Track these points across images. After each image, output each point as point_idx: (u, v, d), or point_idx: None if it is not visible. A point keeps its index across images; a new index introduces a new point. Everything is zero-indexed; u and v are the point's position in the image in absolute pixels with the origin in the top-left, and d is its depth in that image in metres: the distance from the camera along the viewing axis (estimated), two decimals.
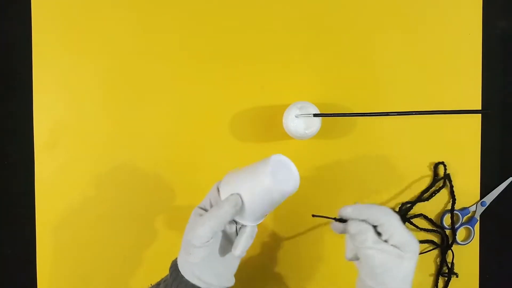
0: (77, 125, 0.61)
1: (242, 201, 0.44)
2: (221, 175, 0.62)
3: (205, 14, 0.61)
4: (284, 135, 0.59)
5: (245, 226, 0.45)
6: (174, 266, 0.46)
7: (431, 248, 0.62)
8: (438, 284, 0.63)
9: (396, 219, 0.43)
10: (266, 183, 0.42)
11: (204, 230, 0.43)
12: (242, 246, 0.45)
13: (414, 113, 0.61)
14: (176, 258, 0.47)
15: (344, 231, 0.45)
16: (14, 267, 0.62)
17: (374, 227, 0.43)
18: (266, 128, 0.61)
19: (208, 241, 0.43)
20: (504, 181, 0.63)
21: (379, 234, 0.43)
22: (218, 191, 0.46)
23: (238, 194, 0.44)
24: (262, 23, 0.61)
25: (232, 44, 0.61)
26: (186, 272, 0.44)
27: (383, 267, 0.41)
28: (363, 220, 0.43)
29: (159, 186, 0.61)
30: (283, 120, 0.57)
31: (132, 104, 0.61)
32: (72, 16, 0.61)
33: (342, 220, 0.45)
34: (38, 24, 0.61)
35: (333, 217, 0.46)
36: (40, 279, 0.61)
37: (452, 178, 0.62)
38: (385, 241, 0.42)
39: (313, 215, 0.49)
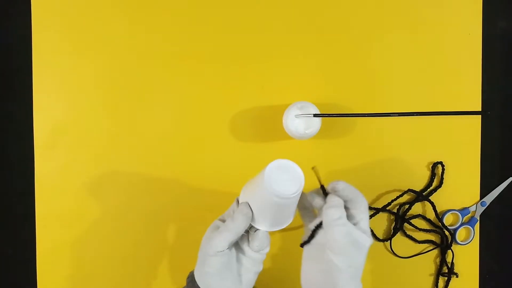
0: (77, 125, 0.61)
1: (251, 209, 0.45)
2: (221, 175, 0.62)
3: (205, 14, 0.61)
4: (284, 135, 0.59)
5: (258, 230, 0.46)
6: (190, 277, 0.47)
7: (431, 248, 0.62)
8: (438, 284, 0.63)
9: (367, 208, 0.46)
10: (265, 189, 0.43)
11: (219, 240, 0.44)
12: (256, 243, 0.46)
13: (414, 114, 0.61)
14: (193, 270, 0.47)
15: (315, 203, 0.47)
16: (14, 267, 0.62)
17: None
18: (266, 128, 0.61)
19: (223, 251, 0.44)
20: (504, 181, 0.63)
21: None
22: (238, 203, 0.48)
23: (247, 202, 0.46)
24: (262, 23, 0.61)
25: (232, 44, 0.61)
26: (202, 282, 0.45)
27: (348, 247, 0.43)
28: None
29: (159, 186, 0.61)
30: (283, 120, 0.57)
31: (132, 104, 0.61)
32: (72, 16, 0.61)
33: (324, 191, 0.48)
34: (38, 24, 0.61)
35: (322, 185, 0.48)
36: (40, 279, 0.61)
37: (452, 178, 0.62)
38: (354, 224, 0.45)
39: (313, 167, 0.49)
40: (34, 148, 0.61)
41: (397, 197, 0.61)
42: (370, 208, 0.61)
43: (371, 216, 0.62)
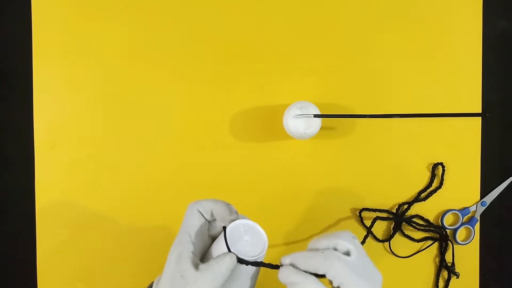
0: (77, 125, 0.61)
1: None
2: (221, 175, 0.62)
3: (205, 14, 0.61)
4: (284, 135, 0.59)
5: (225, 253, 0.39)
6: None
7: (429, 243, 0.62)
8: (439, 284, 0.63)
9: (342, 265, 0.36)
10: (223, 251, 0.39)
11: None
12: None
13: (414, 115, 0.61)
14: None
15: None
16: (14, 267, 0.62)
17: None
18: (266, 128, 0.61)
19: None
20: (504, 181, 0.63)
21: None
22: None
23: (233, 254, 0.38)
24: (262, 23, 0.61)
25: (232, 44, 0.61)
26: None
27: None
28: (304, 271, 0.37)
29: (159, 186, 0.61)
30: (283, 120, 0.57)
31: (132, 104, 0.61)
32: (72, 16, 0.61)
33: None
34: (38, 24, 0.61)
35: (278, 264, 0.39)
36: (40, 279, 0.61)
37: (452, 178, 0.62)
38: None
39: (253, 264, 0.39)
40: (34, 148, 0.61)
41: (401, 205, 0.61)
42: (369, 210, 0.61)
43: (373, 222, 0.61)
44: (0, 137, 0.62)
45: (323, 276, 0.37)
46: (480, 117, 0.62)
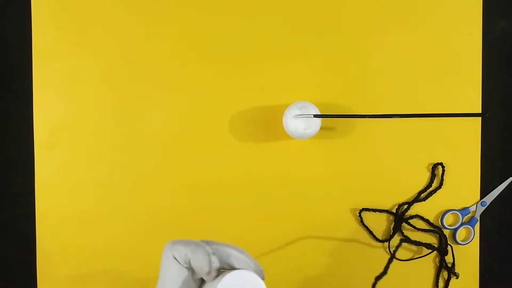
0: (77, 125, 0.61)
1: None
2: (221, 175, 0.62)
3: (205, 14, 0.61)
4: (284, 135, 0.59)
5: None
6: None
7: (428, 252, 0.62)
8: (439, 284, 0.63)
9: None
10: None
11: None
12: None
13: (414, 116, 0.61)
14: None
15: None
16: (14, 267, 0.62)
17: None
18: (266, 128, 0.61)
19: None
20: (504, 181, 0.63)
21: None
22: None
23: None
24: (262, 23, 0.61)
25: (232, 44, 0.61)
26: None
27: None
28: None
29: (159, 186, 0.61)
30: (283, 120, 0.57)
31: (132, 104, 0.61)
32: (72, 16, 0.61)
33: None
34: (38, 24, 0.61)
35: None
36: (40, 279, 0.61)
37: (452, 178, 0.62)
38: None
39: None
40: (34, 148, 0.61)
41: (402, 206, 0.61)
42: (369, 210, 0.61)
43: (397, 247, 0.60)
44: (0, 137, 0.62)
45: None
46: (480, 117, 0.62)
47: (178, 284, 0.34)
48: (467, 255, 0.63)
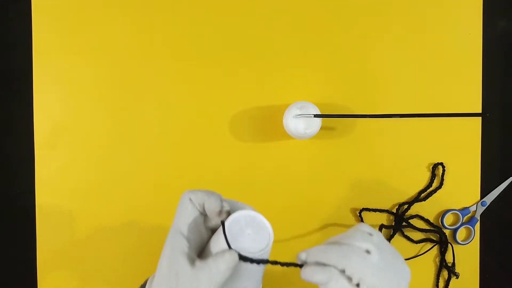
0: (77, 125, 0.61)
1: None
2: (221, 175, 0.62)
3: (205, 14, 0.61)
4: (284, 135, 0.59)
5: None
6: None
7: (429, 246, 0.62)
8: (439, 284, 0.63)
9: (361, 260, 0.35)
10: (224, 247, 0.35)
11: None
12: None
13: (414, 115, 0.61)
14: (145, 285, 0.40)
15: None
16: (14, 267, 0.62)
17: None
18: (266, 128, 0.61)
19: None
20: (504, 181, 0.63)
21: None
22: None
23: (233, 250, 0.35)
24: (262, 23, 0.61)
25: (232, 44, 0.61)
26: None
27: None
28: (325, 265, 0.35)
29: (159, 186, 0.61)
30: (283, 120, 0.57)
31: (132, 104, 0.61)
32: (72, 16, 0.61)
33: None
34: (38, 24, 0.61)
35: (294, 262, 0.37)
36: (40, 279, 0.61)
37: (452, 178, 0.62)
38: (358, 285, 0.35)
39: (257, 261, 0.35)
40: (34, 148, 0.61)
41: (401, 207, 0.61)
42: (369, 210, 0.61)
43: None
44: (0, 137, 0.62)
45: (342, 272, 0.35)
46: (480, 117, 0.62)
47: (189, 223, 0.36)
48: (467, 255, 0.63)
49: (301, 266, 0.36)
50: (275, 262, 0.36)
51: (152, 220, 0.61)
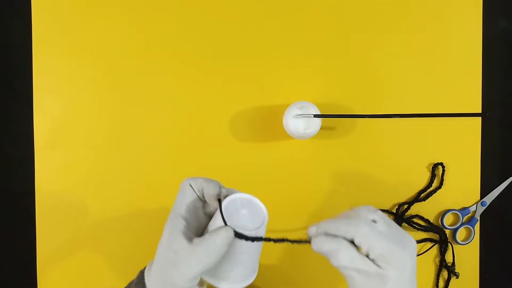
0: (77, 125, 0.61)
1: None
2: (221, 175, 0.62)
3: (205, 14, 0.61)
4: (284, 135, 0.59)
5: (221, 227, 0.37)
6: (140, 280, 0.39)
7: (429, 246, 0.62)
8: (438, 284, 0.63)
9: (369, 228, 0.36)
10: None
11: (196, 271, 0.35)
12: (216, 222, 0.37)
13: (414, 115, 0.61)
14: (144, 271, 0.41)
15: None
16: (14, 267, 0.62)
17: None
18: (266, 128, 0.61)
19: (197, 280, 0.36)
20: (504, 181, 0.63)
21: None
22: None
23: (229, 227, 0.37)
24: (262, 23, 0.61)
25: (232, 44, 0.61)
26: None
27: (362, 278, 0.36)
28: (335, 236, 0.37)
29: (158, 186, 0.61)
30: (283, 120, 0.57)
31: (132, 104, 0.61)
32: (72, 16, 0.61)
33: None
34: (38, 24, 0.61)
35: (304, 239, 0.39)
36: (40, 279, 0.61)
37: (452, 178, 0.62)
38: (367, 255, 0.36)
39: (276, 240, 0.38)
40: (34, 148, 0.61)
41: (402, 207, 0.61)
42: None
43: None
44: (0, 137, 0.62)
45: (351, 242, 0.37)
46: (480, 117, 0.62)
47: (188, 206, 0.38)
48: (467, 255, 0.63)
49: (309, 242, 0.38)
50: (265, 239, 0.38)
51: (152, 222, 0.61)
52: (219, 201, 0.38)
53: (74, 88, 0.61)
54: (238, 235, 0.36)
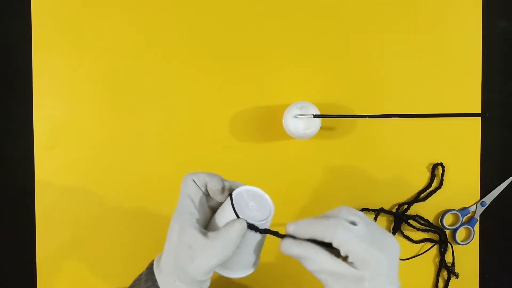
0: (77, 125, 0.61)
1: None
2: (221, 175, 0.62)
3: (205, 14, 0.61)
4: (284, 135, 0.59)
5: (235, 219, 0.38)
6: (150, 275, 0.40)
7: (429, 246, 0.62)
8: (438, 284, 0.63)
9: (347, 231, 0.35)
10: (231, 217, 0.38)
11: (210, 257, 0.36)
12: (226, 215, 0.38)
13: (414, 116, 0.61)
14: (152, 266, 0.41)
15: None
16: (14, 267, 0.62)
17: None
18: (266, 128, 0.61)
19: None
20: (504, 181, 0.63)
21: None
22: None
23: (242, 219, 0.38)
24: (262, 23, 0.61)
25: (232, 44, 0.61)
26: None
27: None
28: (310, 240, 0.37)
29: (158, 186, 0.61)
30: (283, 120, 0.57)
31: (132, 104, 0.61)
32: (72, 16, 0.61)
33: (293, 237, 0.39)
34: (38, 24, 0.61)
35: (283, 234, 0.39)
36: (40, 279, 0.61)
37: (452, 178, 0.62)
38: (346, 257, 0.35)
39: (262, 231, 0.39)
40: (34, 148, 0.61)
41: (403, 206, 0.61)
42: (369, 210, 0.61)
43: (376, 215, 0.62)
44: (0, 137, 0.62)
45: (330, 245, 0.36)
46: (480, 117, 0.62)
47: (193, 200, 0.39)
48: (467, 255, 0.63)
49: (282, 237, 0.39)
50: (273, 232, 0.39)
51: (152, 220, 0.61)
52: (230, 195, 0.38)
53: (74, 88, 0.61)
54: (251, 227, 0.37)
